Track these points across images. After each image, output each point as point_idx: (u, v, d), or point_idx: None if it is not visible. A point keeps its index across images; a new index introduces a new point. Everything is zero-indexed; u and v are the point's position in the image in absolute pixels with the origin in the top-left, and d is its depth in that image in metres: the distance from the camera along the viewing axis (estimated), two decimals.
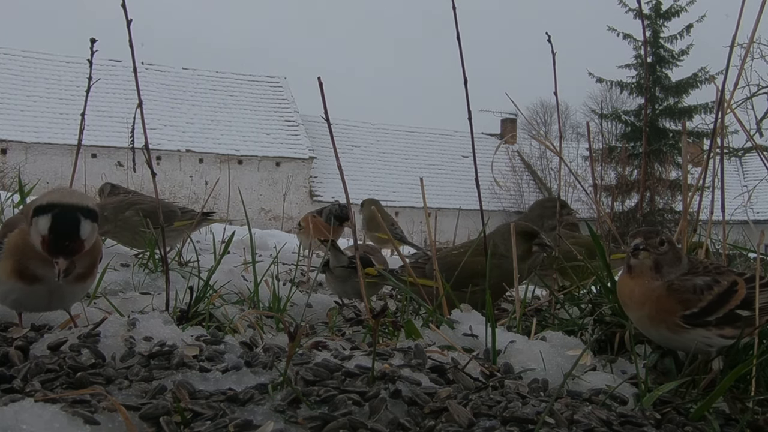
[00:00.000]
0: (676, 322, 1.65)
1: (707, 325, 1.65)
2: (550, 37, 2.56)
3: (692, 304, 1.65)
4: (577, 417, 1.35)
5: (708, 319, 1.65)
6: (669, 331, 1.67)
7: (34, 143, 23.46)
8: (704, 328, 1.65)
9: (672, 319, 1.65)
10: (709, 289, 1.66)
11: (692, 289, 1.66)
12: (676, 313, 1.65)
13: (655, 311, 1.66)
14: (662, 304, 1.66)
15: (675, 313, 1.65)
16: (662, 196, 25.88)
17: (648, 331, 1.75)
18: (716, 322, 1.65)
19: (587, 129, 3.42)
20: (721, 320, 1.65)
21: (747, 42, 2.38)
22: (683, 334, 1.66)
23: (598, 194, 3.19)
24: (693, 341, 1.66)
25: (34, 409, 1.16)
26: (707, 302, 1.65)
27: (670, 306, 1.65)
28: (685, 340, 1.67)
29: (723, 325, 1.65)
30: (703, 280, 1.67)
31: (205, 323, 1.96)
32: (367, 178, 27.90)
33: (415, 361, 1.63)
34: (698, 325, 1.65)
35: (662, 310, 1.66)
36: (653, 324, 1.69)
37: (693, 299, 1.65)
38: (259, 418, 1.25)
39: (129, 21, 2.04)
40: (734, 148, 10.06)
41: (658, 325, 1.67)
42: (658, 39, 29.07)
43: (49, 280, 1.68)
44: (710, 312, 1.65)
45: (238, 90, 28.66)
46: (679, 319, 1.64)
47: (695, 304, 1.65)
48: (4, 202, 3.74)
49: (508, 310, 2.58)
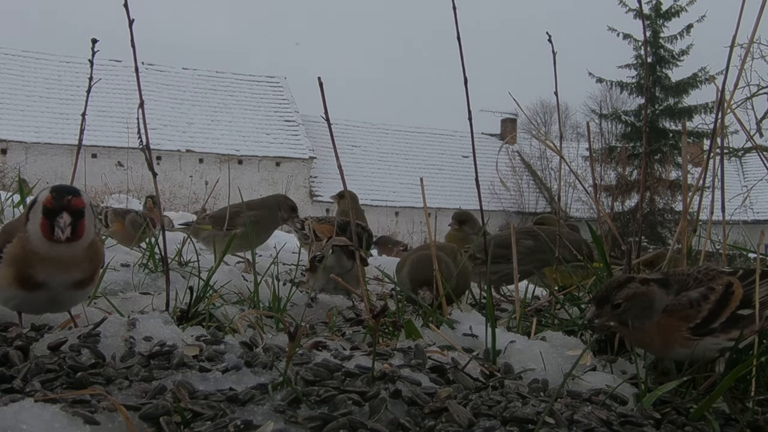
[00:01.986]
0: (684, 337, 1.65)
1: (714, 332, 1.66)
2: (551, 37, 2.56)
3: (692, 317, 1.65)
4: (577, 417, 1.35)
5: (713, 326, 1.65)
6: (682, 348, 1.67)
7: (34, 143, 23.47)
8: (712, 336, 1.66)
9: (680, 336, 1.65)
10: (705, 299, 1.67)
11: (688, 303, 1.67)
12: (681, 330, 1.65)
13: (663, 339, 1.67)
14: (666, 329, 1.66)
15: (680, 330, 1.65)
16: (662, 196, 25.90)
17: (666, 354, 1.75)
18: (722, 327, 1.66)
19: (587, 129, 3.41)
20: (725, 324, 1.66)
21: (747, 42, 2.38)
22: (695, 346, 1.66)
23: (598, 194, 3.19)
24: (705, 350, 1.67)
25: (34, 409, 1.16)
26: (707, 311, 1.66)
27: (673, 327, 1.66)
28: (699, 349, 1.67)
29: (729, 329, 1.66)
30: (697, 292, 1.68)
31: (205, 323, 1.96)
32: (367, 178, 27.89)
33: (415, 361, 1.63)
34: (705, 334, 1.65)
35: (668, 333, 1.66)
36: (667, 346, 1.69)
37: (692, 313, 1.66)
38: (259, 418, 1.25)
39: (131, 21, 2.04)
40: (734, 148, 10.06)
41: (672, 345, 1.68)
42: (658, 39, 29.09)
43: (50, 286, 1.67)
44: (713, 319, 1.66)
45: (238, 90, 28.67)
46: (686, 333, 1.65)
47: (696, 317, 1.65)
48: (4, 202, 3.74)
49: (508, 309, 2.58)
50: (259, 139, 26.96)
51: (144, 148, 2.10)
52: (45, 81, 25.31)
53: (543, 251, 2.77)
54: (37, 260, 1.64)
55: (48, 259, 1.64)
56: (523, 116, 29.14)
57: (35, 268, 1.65)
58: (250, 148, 26.48)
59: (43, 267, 1.64)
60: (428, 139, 31.57)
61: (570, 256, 2.77)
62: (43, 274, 1.65)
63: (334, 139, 2.20)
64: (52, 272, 1.65)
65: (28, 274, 1.65)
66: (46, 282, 1.66)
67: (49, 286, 1.67)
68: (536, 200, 30.14)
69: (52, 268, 1.65)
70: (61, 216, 1.58)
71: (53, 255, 1.64)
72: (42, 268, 1.64)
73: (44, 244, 1.62)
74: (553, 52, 2.63)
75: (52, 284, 1.66)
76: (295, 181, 26.44)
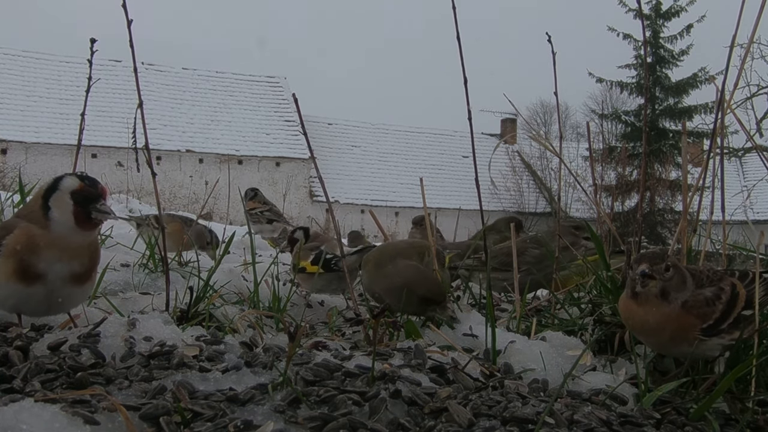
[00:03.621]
0: (695, 336, 1.65)
1: (721, 332, 1.66)
2: (551, 38, 2.56)
3: (708, 316, 1.65)
4: (577, 417, 1.35)
5: (722, 327, 1.66)
6: (689, 346, 1.67)
7: (34, 143, 23.46)
8: (718, 336, 1.67)
9: (692, 334, 1.65)
10: (718, 299, 1.67)
11: (705, 302, 1.66)
12: (695, 329, 1.65)
13: (677, 333, 1.66)
14: (682, 324, 1.65)
15: (694, 328, 1.65)
16: (662, 196, 25.89)
17: (667, 351, 1.76)
18: (728, 328, 1.67)
19: (587, 129, 3.42)
20: (731, 325, 1.67)
21: (747, 42, 2.38)
22: (701, 345, 1.67)
23: (598, 194, 3.19)
24: (710, 350, 1.68)
25: (34, 409, 1.16)
26: (720, 312, 1.66)
27: (689, 324, 1.65)
28: (704, 348, 1.68)
29: (732, 330, 1.67)
30: (710, 291, 1.68)
31: (205, 323, 1.96)
32: (367, 178, 27.90)
33: (415, 361, 1.63)
34: (714, 335, 1.66)
35: (682, 330, 1.65)
36: (674, 344, 1.69)
37: (708, 312, 1.65)
38: (259, 418, 1.25)
39: (129, 21, 2.04)
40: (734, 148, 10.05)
41: (680, 344, 1.67)
42: (658, 39, 29.07)
43: (49, 278, 1.68)
44: (724, 320, 1.66)
45: (238, 90, 28.66)
46: (699, 333, 1.65)
47: (711, 316, 1.66)
48: (4, 202, 3.73)
49: (508, 309, 2.58)
50: (259, 139, 26.94)
51: (142, 148, 2.10)
52: (45, 81, 25.30)
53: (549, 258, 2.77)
54: (42, 247, 1.66)
55: (53, 247, 1.67)
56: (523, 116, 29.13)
57: (37, 256, 1.66)
58: (250, 148, 26.46)
59: (46, 255, 1.67)
60: (428, 139, 31.56)
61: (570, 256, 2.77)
62: (43, 263, 1.67)
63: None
64: (53, 261, 1.68)
65: (28, 263, 1.67)
66: (45, 273, 1.67)
67: (48, 279, 1.68)
68: (536, 200, 30.14)
69: (54, 257, 1.68)
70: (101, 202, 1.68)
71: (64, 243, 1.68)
72: (44, 256, 1.67)
73: (70, 232, 1.68)
74: (552, 52, 2.63)
75: (51, 276, 1.68)
76: (295, 181, 26.43)
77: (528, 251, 2.77)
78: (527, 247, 2.79)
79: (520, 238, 2.72)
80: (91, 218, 1.69)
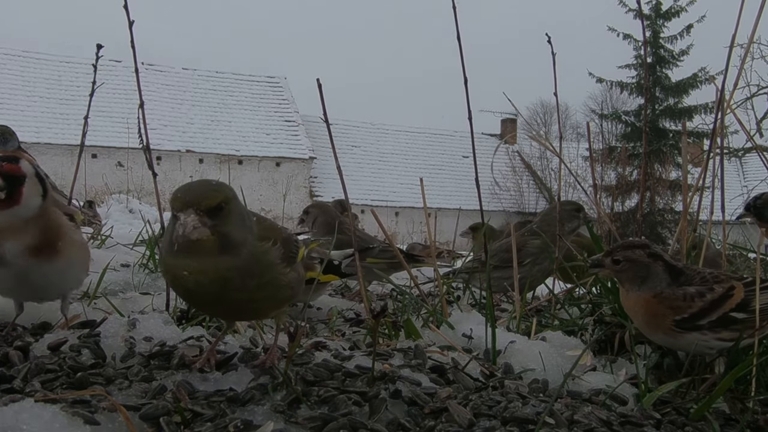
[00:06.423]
0: (669, 327, 1.71)
1: (701, 328, 1.70)
2: (550, 38, 2.56)
3: (682, 310, 1.71)
4: (577, 417, 1.35)
5: (700, 323, 1.70)
6: (666, 336, 1.74)
7: (34, 143, 23.42)
8: (698, 332, 1.70)
9: (665, 324, 1.72)
10: (700, 297, 1.72)
11: (682, 297, 1.72)
12: (667, 319, 1.71)
13: (648, 318, 1.74)
14: (651, 311, 1.73)
15: (666, 318, 1.71)
16: (662, 196, 25.88)
17: (650, 336, 1.82)
18: (709, 325, 1.70)
19: (587, 129, 3.42)
20: (714, 324, 1.70)
21: (747, 42, 2.38)
22: (680, 338, 1.72)
23: (598, 194, 3.19)
24: (691, 344, 1.71)
25: (34, 410, 1.16)
26: (698, 308, 1.71)
27: (660, 313, 1.72)
28: (684, 342, 1.73)
29: (718, 329, 1.70)
30: (696, 289, 1.73)
31: (205, 323, 1.96)
32: (367, 178, 27.89)
33: (415, 361, 1.63)
34: (691, 329, 1.70)
35: (653, 317, 1.73)
36: (650, 329, 1.77)
37: (683, 306, 1.71)
38: (259, 418, 1.25)
39: (131, 22, 2.04)
40: (734, 148, 10.05)
41: (655, 330, 1.75)
42: (658, 39, 29.05)
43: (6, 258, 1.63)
44: (701, 317, 1.70)
45: (238, 90, 28.65)
46: (672, 324, 1.71)
47: (685, 310, 1.71)
48: None
49: (508, 310, 2.58)
50: (259, 139, 26.94)
51: (143, 149, 2.10)
52: (45, 81, 25.30)
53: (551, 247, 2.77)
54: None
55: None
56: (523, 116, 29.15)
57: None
58: (250, 149, 26.46)
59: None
60: (428, 139, 31.55)
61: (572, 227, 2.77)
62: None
63: (334, 139, 2.20)
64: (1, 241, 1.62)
65: None
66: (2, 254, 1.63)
67: (5, 259, 1.64)
68: (536, 200, 30.14)
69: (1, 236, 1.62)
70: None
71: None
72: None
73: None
74: (552, 53, 2.63)
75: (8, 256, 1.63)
76: (295, 181, 26.43)
77: (528, 244, 2.76)
78: (527, 240, 2.78)
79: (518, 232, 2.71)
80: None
